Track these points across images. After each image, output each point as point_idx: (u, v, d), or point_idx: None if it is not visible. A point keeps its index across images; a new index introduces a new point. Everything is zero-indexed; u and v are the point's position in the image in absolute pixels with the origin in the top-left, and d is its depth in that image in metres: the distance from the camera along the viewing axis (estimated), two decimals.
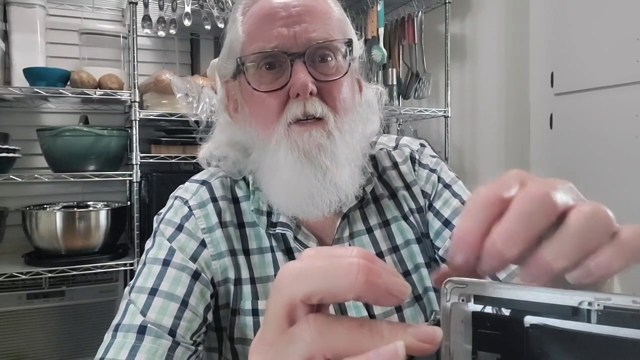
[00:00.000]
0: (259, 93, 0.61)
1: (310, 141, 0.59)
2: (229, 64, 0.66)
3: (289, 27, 0.60)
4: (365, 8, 1.94)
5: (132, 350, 0.55)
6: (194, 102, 1.56)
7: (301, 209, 0.62)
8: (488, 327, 0.25)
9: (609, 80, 1.56)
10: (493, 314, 0.25)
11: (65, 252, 1.55)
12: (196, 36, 2.02)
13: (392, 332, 0.23)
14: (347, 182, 0.62)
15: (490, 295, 0.25)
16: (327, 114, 0.60)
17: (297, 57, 0.59)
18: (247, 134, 0.66)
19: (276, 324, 0.25)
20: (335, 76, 0.62)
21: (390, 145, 0.77)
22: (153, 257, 0.63)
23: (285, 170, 0.61)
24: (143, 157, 1.58)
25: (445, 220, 0.70)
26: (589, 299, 0.23)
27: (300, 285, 0.24)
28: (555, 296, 0.24)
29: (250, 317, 0.64)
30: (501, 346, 0.25)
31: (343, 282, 0.23)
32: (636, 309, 0.22)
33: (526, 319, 0.25)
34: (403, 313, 0.68)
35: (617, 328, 0.23)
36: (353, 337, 0.23)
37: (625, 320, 0.23)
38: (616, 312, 0.23)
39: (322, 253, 0.25)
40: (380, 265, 0.24)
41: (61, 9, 1.86)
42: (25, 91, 1.50)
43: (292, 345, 0.24)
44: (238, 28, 0.64)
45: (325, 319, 0.24)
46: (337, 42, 0.62)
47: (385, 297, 0.23)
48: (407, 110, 1.94)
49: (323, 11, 0.63)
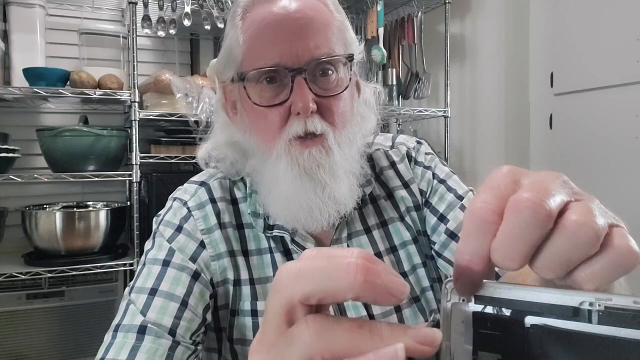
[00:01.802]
0: (260, 107, 0.61)
1: (310, 159, 0.60)
2: (227, 70, 0.65)
3: (290, 42, 0.59)
4: (365, 8, 1.94)
5: (132, 350, 0.55)
6: (194, 102, 1.57)
7: (300, 222, 0.63)
8: (489, 328, 0.25)
9: (608, 81, 1.56)
10: (493, 314, 0.25)
11: (64, 252, 1.55)
12: (196, 36, 2.02)
13: (392, 333, 0.23)
14: (345, 195, 0.63)
15: (491, 295, 0.25)
16: (326, 130, 0.61)
17: (298, 73, 0.59)
18: (246, 138, 0.66)
19: (275, 325, 0.25)
20: (336, 91, 0.62)
21: (386, 144, 0.77)
22: (153, 257, 0.63)
23: (284, 185, 0.61)
24: (143, 157, 1.58)
25: (440, 215, 0.70)
26: (590, 300, 0.23)
27: (298, 285, 0.24)
28: (556, 296, 0.24)
29: (250, 318, 0.64)
30: (502, 346, 0.25)
31: (342, 282, 0.23)
32: (637, 309, 0.22)
33: (527, 319, 0.24)
34: (402, 313, 0.68)
35: (618, 329, 0.22)
36: (352, 338, 0.23)
37: (626, 320, 0.22)
38: (617, 313, 0.23)
39: (322, 253, 0.25)
40: (379, 265, 0.24)
41: (61, 9, 1.86)
42: (25, 91, 1.50)
43: (291, 346, 0.24)
44: (238, 36, 0.63)
45: (324, 320, 0.24)
46: (338, 57, 0.62)
47: (385, 297, 0.23)
48: (407, 111, 1.94)
49: (324, 22, 0.62)
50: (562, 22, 1.72)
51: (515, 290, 0.25)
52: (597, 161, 1.59)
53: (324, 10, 0.63)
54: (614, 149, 1.54)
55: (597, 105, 1.60)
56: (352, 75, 0.64)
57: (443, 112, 1.96)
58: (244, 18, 0.64)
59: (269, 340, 0.25)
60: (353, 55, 0.63)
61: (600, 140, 1.58)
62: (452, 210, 0.69)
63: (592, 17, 1.60)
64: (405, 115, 2.01)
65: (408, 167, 0.75)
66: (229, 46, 0.65)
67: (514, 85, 1.87)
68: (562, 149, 1.73)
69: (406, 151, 0.76)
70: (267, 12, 0.61)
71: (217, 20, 1.65)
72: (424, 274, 0.71)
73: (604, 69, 1.56)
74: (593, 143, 1.61)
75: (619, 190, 1.52)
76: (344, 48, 0.63)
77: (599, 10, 1.58)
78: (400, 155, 0.75)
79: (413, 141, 0.78)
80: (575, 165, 1.67)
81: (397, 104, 2.01)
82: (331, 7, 0.65)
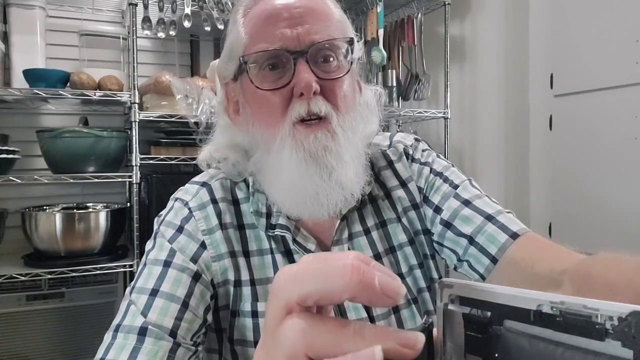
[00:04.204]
0: (262, 92, 0.61)
1: (315, 143, 0.60)
2: (230, 65, 0.66)
3: (291, 28, 0.60)
4: (365, 9, 1.94)
5: (132, 351, 0.55)
6: (194, 103, 1.57)
7: (307, 208, 0.62)
8: (474, 330, 0.25)
9: (608, 82, 1.56)
10: (478, 316, 0.25)
11: (64, 254, 1.55)
12: (196, 37, 2.02)
13: (375, 335, 0.23)
14: (352, 181, 0.63)
15: (472, 297, 0.25)
16: (330, 112, 0.61)
17: (300, 56, 0.59)
18: (249, 135, 0.66)
19: (274, 328, 0.25)
20: (338, 74, 0.62)
21: (384, 144, 0.77)
22: (154, 258, 0.63)
23: (289, 170, 0.61)
24: (143, 159, 1.58)
25: (436, 207, 0.71)
26: (545, 302, 0.23)
27: (295, 287, 0.24)
28: (520, 298, 0.24)
29: (250, 319, 0.64)
30: (483, 349, 0.25)
31: (337, 283, 0.23)
32: (586, 314, 0.22)
33: (505, 323, 0.24)
34: (400, 314, 0.69)
35: (570, 336, 0.22)
36: (335, 337, 0.23)
37: (578, 326, 0.22)
38: (571, 317, 0.22)
39: (319, 257, 0.25)
40: (375, 267, 0.24)
41: (61, 10, 1.86)
42: (25, 92, 1.50)
43: (278, 345, 0.24)
44: (240, 30, 0.64)
45: (309, 318, 0.24)
46: (338, 41, 0.62)
47: (380, 298, 0.23)
48: (407, 112, 1.94)
49: (324, 13, 0.63)
50: (562, 23, 1.72)
51: (492, 292, 0.25)
52: (597, 162, 1.59)
53: (324, 5, 0.64)
54: (613, 150, 1.54)
55: (597, 106, 1.60)
56: (352, 60, 0.64)
57: (443, 114, 1.96)
58: (245, 15, 0.65)
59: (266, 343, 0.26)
60: (353, 39, 0.64)
61: (600, 142, 1.59)
62: (447, 200, 0.69)
63: (591, 18, 1.61)
64: (405, 116, 2.01)
65: (406, 165, 0.75)
66: (230, 43, 0.66)
67: (513, 87, 1.87)
68: (561, 150, 1.74)
69: (403, 149, 0.76)
70: (268, 5, 0.62)
71: (217, 22, 1.65)
72: (420, 275, 0.72)
73: (603, 70, 1.57)
74: (593, 144, 1.61)
75: (619, 192, 1.52)
76: (344, 37, 0.64)
77: (599, 12, 1.58)
78: (398, 154, 0.76)
79: (411, 139, 0.78)
80: (575, 166, 1.67)
81: (397, 105, 2.01)
82: (331, 5, 0.66)
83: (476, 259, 0.65)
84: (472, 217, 0.66)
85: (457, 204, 0.68)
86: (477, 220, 0.66)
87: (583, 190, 1.65)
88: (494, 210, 0.66)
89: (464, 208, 0.67)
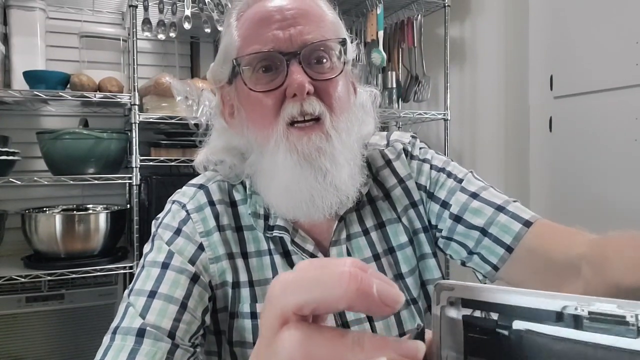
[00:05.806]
0: (256, 94, 0.61)
1: (309, 145, 0.60)
2: (224, 68, 0.66)
3: (284, 29, 0.60)
4: (364, 11, 1.94)
5: (131, 353, 0.55)
6: (194, 105, 1.57)
7: (302, 211, 0.62)
8: (477, 332, 0.25)
9: (608, 83, 1.56)
10: (482, 318, 0.25)
11: (64, 255, 1.55)
12: (196, 39, 2.02)
13: (374, 345, 0.23)
14: (346, 183, 0.63)
15: (478, 299, 0.25)
16: (324, 113, 0.60)
17: (293, 58, 0.59)
18: (244, 138, 0.66)
19: (270, 338, 0.25)
20: (331, 75, 0.62)
21: (381, 143, 0.77)
22: (152, 260, 0.63)
23: (284, 173, 0.61)
24: (143, 160, 1.58)
25: (443, 202, 0.71)
26: (573, 304, 0.23)
27: (291, 296, 0.24)
28: (540, 300, 0.23)
29: (249, 320, 0.64)
30: (489, 352, 0.25)
31: (334, 291, 0.23)
32: (620, 315, 0.22)
33: (514, 324, 0.24)
34: (400, 315, 0.68)
35: (601, 335, 0.22)
36: (333, 348, 0.23)
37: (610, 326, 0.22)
38: (600, 318, 0.22)
39: (315, 264, 0.25)
40: (373, 274, 0.23)
41: (61, 12, 1.86)
42: (25, 94, 1.50)
43: (276, 356, 0.24)
44: (233, 32, 0.64)
45: (306, 328, 0.24)
46: (331, 41, 0.62)
47: (378, 307, 0.23)
48: (407, 113, 1.94)
49: (316, 14, 0.63)
50: (562, 24, 1.72)
51: (501, 294, 0.24)
52: (597, 164, 1.59)
53: (317, 7, 0.65)
54: (613, 151, 1.54)
55: (597, 108, 1.60)
56: (345, 61, 0.64)
57: (443, 115, 1.96)
58: (239, 19, 0.65)
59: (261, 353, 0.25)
60: (345, 40, 0.64)
61: (599, 143, 1.58)
62: (454, 194, 0.70)
63: (591, 20, 1.61)
64: (405, 118, 2.01)
65: (405, 163, 0.75)
66: (224, 46, 0.66)
67: (513, 88, 1.87)
68: (561, 152, 1.73)
69: (402, 147, 0.76)
70: (261, 7, 0.62)
71: (217, 24, 1.65)
72: (420, 275, 0.71)
73: (603, 72, 1.57)
74: (593, 146, 1.61)
75: (619, 193, 1.51)
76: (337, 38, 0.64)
77: (599, 13, 1.58)
78: (396, 153, 0.75)
79: (408, 136, 0.78)
80: (575, 167, 1.67)
81: (397, 107, 2.01)
82: (324, 7, 0.66)
83: (489, 250, 0.65)
84: (482, 209, 0.66)
85: (464, 197, 0.68)
86: (487, 211, 0.66)
87: (583, 192, 1.64)
88: (502, 200, 0.67)
89: (473, 201, 0.68)
